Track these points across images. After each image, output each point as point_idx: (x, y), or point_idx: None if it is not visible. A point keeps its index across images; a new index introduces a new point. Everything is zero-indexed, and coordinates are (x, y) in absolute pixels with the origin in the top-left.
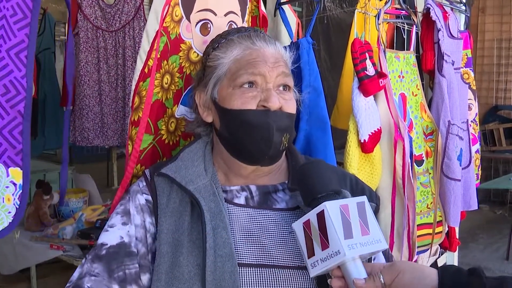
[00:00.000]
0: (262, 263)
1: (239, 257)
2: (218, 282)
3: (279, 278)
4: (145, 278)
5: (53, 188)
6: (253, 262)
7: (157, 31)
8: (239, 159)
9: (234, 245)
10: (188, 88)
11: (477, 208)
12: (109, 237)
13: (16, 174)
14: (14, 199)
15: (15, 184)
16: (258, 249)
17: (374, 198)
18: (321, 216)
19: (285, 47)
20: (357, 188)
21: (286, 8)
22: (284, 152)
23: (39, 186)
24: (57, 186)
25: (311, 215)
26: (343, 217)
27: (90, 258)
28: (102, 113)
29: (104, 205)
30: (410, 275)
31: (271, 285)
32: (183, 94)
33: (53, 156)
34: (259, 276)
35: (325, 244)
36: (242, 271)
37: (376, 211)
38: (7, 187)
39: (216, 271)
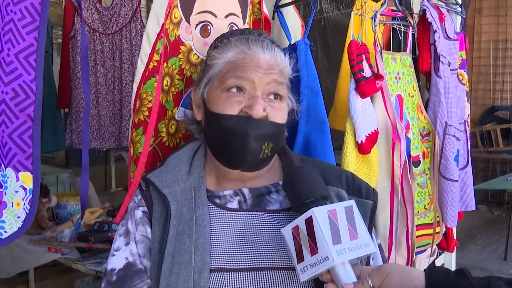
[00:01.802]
0: (258, 266)
1: (234, 262)
2: None
3: (276, 280)
4: None
5: (51, 191)
6: (249, 267)
7: (158, 33)
8: (220, 162)
9: (230, 251)
10: (189, 90)
11: (475, 208)
12: (116, 261)
13: (26, 178)
14: (24, 203)
15: (25, 189)
16: (253, 253)
17: (371, 195)
18: (309, 222)
19: (283, 50)
20: (354, 185)
21: (290, 10)
22: (274, 156)
23: None
24: (55, 189)
25: (300, 221)
26: (331, 223)
27: (104, 286)
28: (99, 115)
29: (102, 207)
30: (398, 277)
31: (266, 287)
32: (184, 96)
33: (50, 159)
34: (253, 279)
35: (314, 250)
36: (239, 276)
37: (374, 208)
38: (16, 191)
39: (171, 277)
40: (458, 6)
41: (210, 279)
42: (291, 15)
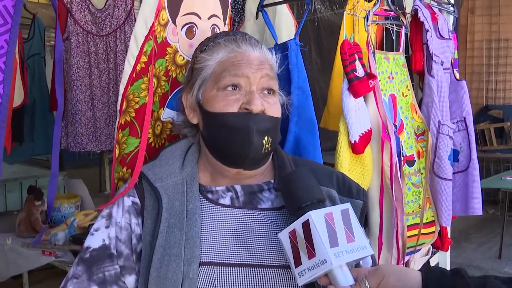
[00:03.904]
0: (247, 262)
1: (225, 257)
2: (162, 279)
3: (264, 277)
4: (131, 279)
5: (44, 194)
6: (238, 262)
7: (146, 36)
8: (221, 162)
9: (221, 245)
10: (174, 91)
11: (481, 213)
12: (93, 241)
13: None
14: None
15: None
16: (243, 249)
17: (361, 195)
18: (306, 226)
19: (270, 49)
20: (344, 185)
21: (284, 10)
22: (272, 153)
23: (30, 192)
24: None
25: (297, 225)
26: (328, 226)
27: (76, 261)
28: (94, 118)
29: (96, 210)
30: (395, 279)
31: (255, 284)
32: (169, 97)
33: (44, 162)
34: (243, 275)
35: (311, 253)
36: (229, 271)
37: (364, 208)
38: None
39: (161, 268)
40: (450, 5)
41: (200, 272)
42: (285, 15)
